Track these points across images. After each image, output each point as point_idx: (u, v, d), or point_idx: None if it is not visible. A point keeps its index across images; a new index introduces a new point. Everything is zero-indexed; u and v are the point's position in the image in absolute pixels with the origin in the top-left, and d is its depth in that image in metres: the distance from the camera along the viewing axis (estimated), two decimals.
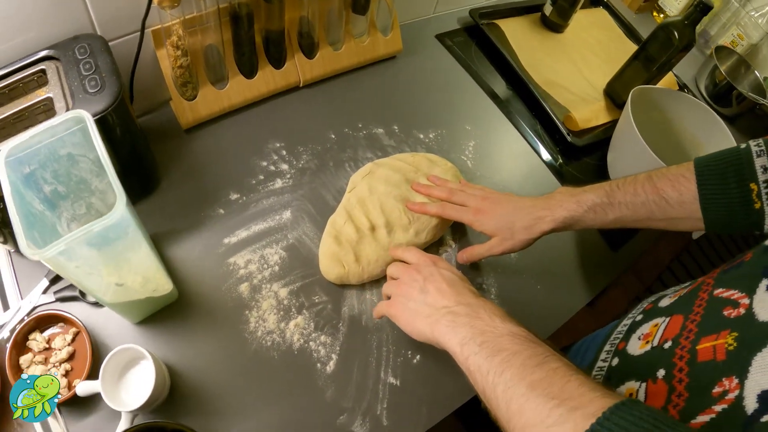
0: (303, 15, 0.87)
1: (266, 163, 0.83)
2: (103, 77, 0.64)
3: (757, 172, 0.59)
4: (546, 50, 1.19)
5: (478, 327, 0.53)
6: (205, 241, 0.75)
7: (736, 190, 0.60)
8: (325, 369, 0.69)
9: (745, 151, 0.61)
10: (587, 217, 0.69)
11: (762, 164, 0.59)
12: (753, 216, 0.60)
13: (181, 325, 0.69)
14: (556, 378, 0.43)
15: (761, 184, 0.59)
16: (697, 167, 0.64)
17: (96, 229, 0.45)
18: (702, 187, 0.62)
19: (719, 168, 0.62)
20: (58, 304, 0.67)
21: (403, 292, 0.64)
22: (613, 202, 0.67)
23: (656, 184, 0.66)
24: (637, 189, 0.66)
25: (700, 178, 0.63)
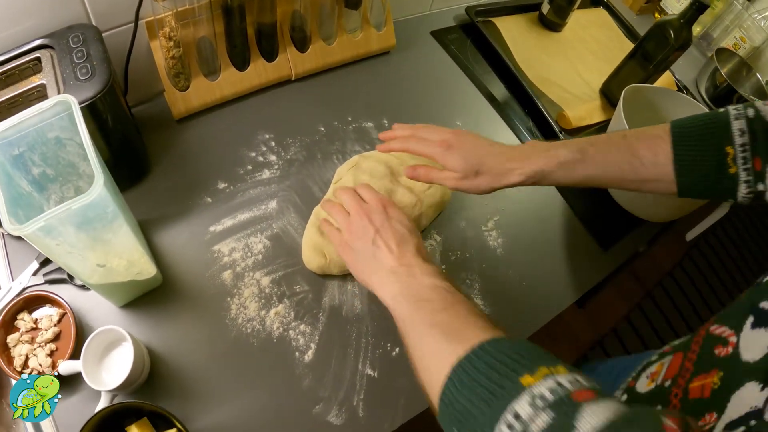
0: (295, 9, 0.89)
1: (255, 154, 0.86)
2: (94, 65, 0.67)
3: (734, 135, 0.58)
4: (542, 48, 1.20)
5: (408, 283, 0.56)
6: (191, 228, 0.77)
7: (712, 154, 0.60)
8: (304, 358, 0.71)
9: (723, 114, 0.60)
10: (557, 173, 0.66)
11: (739, 127, 0.59)
12: (726, 181, 0.60)
13: (164, 310, 0.71)
14: (456, 319, 0.49)
15: (737, 148, 0.58)
16: (674, 129, 0.63)
17: (74, 206, 0.47)
18: (677, 149, 0.61)
19: (696, 130, 0.61)
20: (47, 286, 0.69)
21: (354, 240, 0.64)
22: (585, 158, 0.65)
23: (631, 144, 0.64)
24: (611, 147, 0.65)
25: (676, 140, 0.62)
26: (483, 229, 0.89)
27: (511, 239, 0.89)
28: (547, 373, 0.38)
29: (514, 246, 0.88)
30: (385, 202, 0.66)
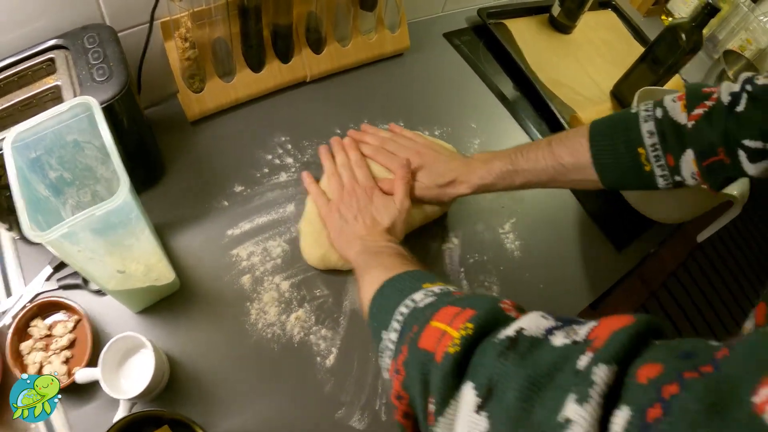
0: (311, 10, 0.87)
1: (271, 157, 0.84)
2: (111, 66, 0.65)
3: (644, 137, 0.63)
4: (553, 51, 1.19)
5: (368, 245, 0.67)
6: (208, 232, 0.75)
7: (626, 155, 0.64)
8: (325, 363, 0.70)
9: (634, 115, 0.65)
10: (498, 183, 0.73)
11: (648, 129, 0.63)
12: (644, 176, 0.64)
13: (182, 315, 0.69)
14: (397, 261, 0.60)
15: (648, 149, 0.63)
16: (591, 132, 0.67)
17: (99, 213, 0.45)
18: (594, 152, 0.66)
19: (609, 133, 0.66)
20: (61, 291, 0.67)
21: (339, 209, 0.74)
22: (518, 169, 0.72)
23: (554, 151, 0.70)
24: (538, 156, 0.71)
25: (592, 143, 0.67)
26: (500, 231, 0.88)
27: (527, 241, 0.88)
28: (441, 285, 0.50)
29: (531, 248, 0.87)
30: (374, 191, 0.75)
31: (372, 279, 0.57)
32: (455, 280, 0.81)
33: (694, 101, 0.61)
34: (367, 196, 0.74)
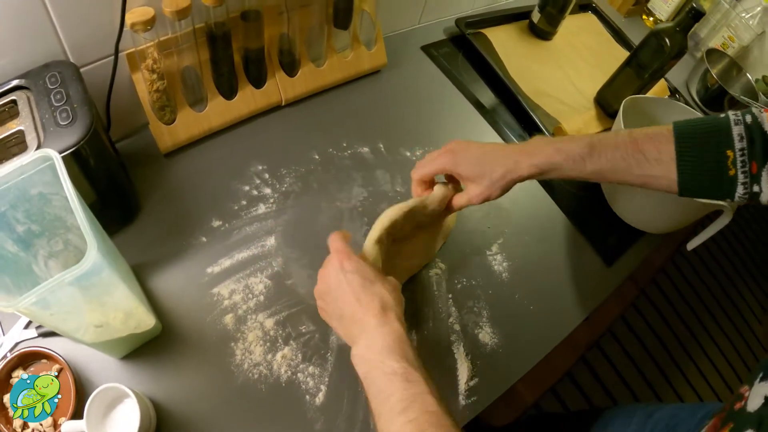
0: (283, 32, 0.86)
1: (248, 188, 0.83)
2: (74, 108, 0.63)
3: (734, 139, 0.62)
4: (534, 58, 1.18)
5: (371, 362, 0.57)
6: (187, 270, 0.74)
7: (713, 156, 0.63)
8: (314, 401, 0.69)
9: (724, 119, 0.63)
10: (566, 165, 0.68)
11: (739, 132, 0.62)
12: (726, 183, 0.63)
13: (166, 360, 0.68)
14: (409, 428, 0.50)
15: (737, 152, 0.61)
16: (677, 129, 0.65)
17: (68, 279, 0.44)
18: (680, 148, 0.64)
19: (698, 133, 0.64)
20: (41, 339, 0.66)
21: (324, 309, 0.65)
22: (593, 153, 0.67)
23: (636, 141, 0.67)
24: (618, 142, 0.67)
25: (678, 139, 0.64)
26: (488, 253, 0.87)
27: (516, 262, 0.87)
28: None
29: (520, 269, 0.87)
30: (342, 256, 0.62)
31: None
32: (443, 306, 0.80)
33: None
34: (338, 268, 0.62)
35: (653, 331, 2.11)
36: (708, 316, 2.27)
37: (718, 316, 2.29)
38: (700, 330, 2.21)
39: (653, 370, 2.03)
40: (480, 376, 0.76)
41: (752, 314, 2.38)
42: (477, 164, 0.71)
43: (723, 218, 0.88)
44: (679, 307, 2.24)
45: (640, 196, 0.91)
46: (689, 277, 2.34)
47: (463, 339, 0.78)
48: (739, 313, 2.34)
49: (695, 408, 0.77)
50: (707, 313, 2.28)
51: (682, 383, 2.05)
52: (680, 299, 2.26)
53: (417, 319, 0.78)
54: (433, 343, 0.76)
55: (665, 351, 2.09)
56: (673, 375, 2.06)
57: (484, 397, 0.74)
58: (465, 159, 0.71)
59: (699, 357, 2.15)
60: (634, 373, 2.00)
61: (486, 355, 0.78)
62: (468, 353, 0.77)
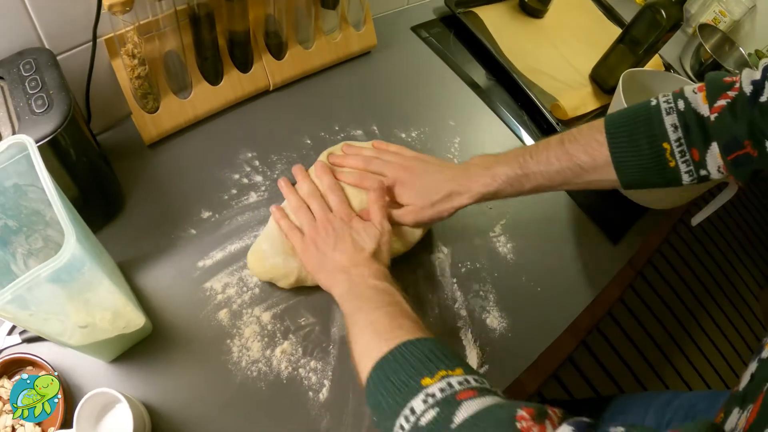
0: (269, 13, 0.82)
1: (238, 176, 0.79)
2: (50, 95, 0.59)
3: (668, 131, 0.60)
4: (527, 37, 1.15)
5: (354, 281, 0.62)
6: (177, 265, 0.70)
7: (648, 151, 0.61)
8: (318, 397, 0.65)
9: (655, 108, 0.61)
10: (504, 190, 0.69)
11: (672, 122, 0.59)
12: (668, 173, 0.61)
13: (158, 361, 0.64)
14: (387, 319, 0.55)
15: (673, 144, 0.60)
16: (608, 129, 0.63)
17: (44, 273, 0.40)
18: (614, 150, 0.62)
19: (629, 128, 0.62)
20: (25, 346, 0.62)
21: (315, 242, 0.67)
22: (527, 173, 0.67)
23: (569, 151, 0.65)
24: (551, 157, 0.66)
25: (611, 141, 0.62)
26: (491, 235, 0.84)
27: (520, 243, 0.84)
28: (444, 375, 0.46)
29: (525, 249, 0.84)
30: (351, 216, 0.70)
31: (364, 346, 0.54)
32: (448, 292, 0.77)
33: (715, 92, 0.58)
34: (345, 224, 0.68)
35: (652, 312, 2.10)
36: (706, 295, 2.26)
37: (716, 294, 2.29)
38: (698, 309, 2.21)
39: (654, 351, 2.03)
40: (490, 362, 0.73)
41: (749, 291, 2.38)
42: (417, 196, 0.72)
43: (728, 191, 0.86)
44: (677, 287, 2.23)
45: None
46: (686, 257, 2.33)
47: (471, 325, 0.75)
48: (736, 290, 2.34)
49: (714, 396, 0.75)
50: (705, 291, 2.27)
51: (684, 364, 2.05)
52: (677, 279, 2.25)
53: (422, 305, 0.75)
54: (440, 330, 0.73)
55: (665, 332, 2.08)
56: (674, 355, 2.05)
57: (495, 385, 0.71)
58: (408, 193, 0.72)
59: (699, 336, 2.14)
60: (635, 355, 1.99)
61: (495, 340, 0.75)
62: (476, 339, 0.74)
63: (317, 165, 0.75)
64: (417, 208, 0.71)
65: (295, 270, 0.69)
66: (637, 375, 1.94)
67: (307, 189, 0.72)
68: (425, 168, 0.73)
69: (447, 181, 0.71)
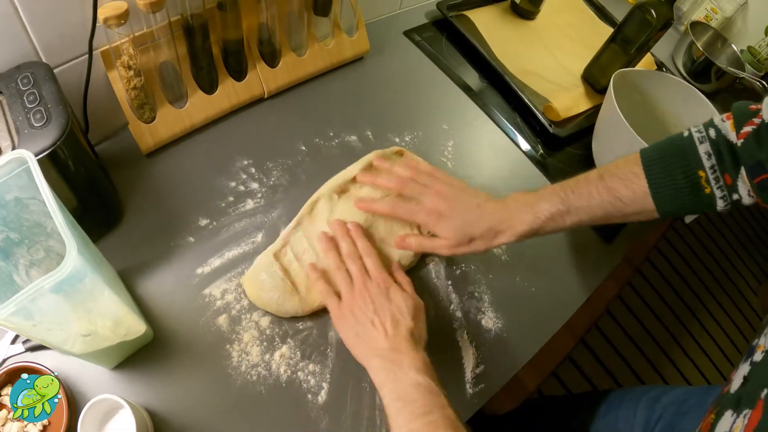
0: (262, 21, 0.83)
1: (235, 183, 0.80)
2: (48, 108, 0.60)
3: (702, 158, 0.62)
4: (519, 39, 1.17)
5: (394, 374, 0.60)
6: (176, 272, 0.71)
7: (684, 180, 0.63)
8: (317, 399, 0.67)
9: (688, 138, 0.64)
10: (546, 226, 0.69)
11: (705, 150, 0.62)
12: (704, 201, 0.63)
13: (160, 367, 0.65)
14: (430, 430, 0.54)
15: (708, 171, 0.62)
16: (645, 162, 0.65)
17: (48, 285, 0.41)
18: (652, 182, 0.64)
19: (664, 160, 0.65)
20: (29, 354, 0.63)
21: (353, 311, 0.66)
22: (570, 209, 0.68)
23: (608, 185, 0.67)
24: (591, 192, 0.67)
25: (648, 174, 0.65)
26: None
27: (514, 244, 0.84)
28: None
29: (519, 251, 0.85)
30: (389, 284, 0.68)
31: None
32: (443, 294, 0.78)
33: (741, 119, 0.61)
34: (382, 293, 0.66)
35: (651, 309, 2.11)
36: (704, 291, 2.27)
37: (714, 290, 2.30)
38: (697, 305, 2.22)
39: (653, 348, 2.04)
40: (486, 362, 0.74)
41: (747, 286, 2.39)
42: (457, 230, 0.70)
43: None
44: (675, 284, 2.24)
45: None
46: (683, 253, 2.35)
47: (466, 326, 0.76)
48: (735, 285, 2.35)
49: (704, 392, 0.77)
50: (703, 287, 2.29)
51: (683, 360, 2.06)
52: (675, 276, 2.27)
53: None
54: (436, 332, 0.74)
55: (664, 329, 2.10)
56: (673, 352, 2.06)
57: (491, 384, 0.73)
58: (447, 226, 0.71)
59: (698, 332, 2.15)
60: (634, 352, 2.00)
61: (490, 341, 0.76)
62: (472, 340, 0.75)
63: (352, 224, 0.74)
64: (454, 243, 0.70)
65: (290, 310, 0.70)
66: (636, 372, 1.95)
67: (346, 249, 0.71)
68: (465, 200, 0.72)
69: (487, 216, 0.70)
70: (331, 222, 0.75)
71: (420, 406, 0.56)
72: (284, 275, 0.70)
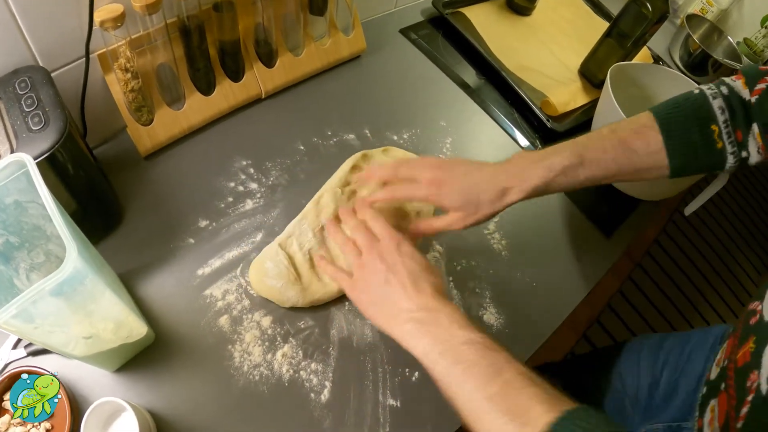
0: (258, 22, 0.83)
1: (234, 184, 0.80)
2: (46, 112, 0.60)
3: (716, 113, 0.63)
4: (515, 35, 1.17)
5: (438, 336, 0.53)
6: (177, 274, 0.71)
7: (698, 134, 0.64)
8: (320, 398, 0.67)
9: (701, 95, 0.65)
10: (558, 180, 0.64)
11: (719, 105, 0.63)
12: (715, 156, 0.64)
13: (162, 368, 0.65)
14: (510, 391, 0.47)
15: (721, 126, 0.63)
16: (658, 117, 0.65)
17: (48, 288, 0.41)
18: (667, 136, 0.64)
19: (680, 114, 0.65)
20: (31, 359, 0.63)
21: (365, 279, 0.61)
22: (583, 161, 0.64)
23: (621, 137, 0.65)
24: (605, 145, 0.65)
25: (663, 127, 0.64)
26: (485, 232, 0.86)
27: (514, 239, 0.86)
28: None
29: (519, 246, 0.85)
30: (398, 239, 0.62)
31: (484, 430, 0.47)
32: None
33: (753, 79, 0.63)
34: (393, 249, 0.60)
35: (652, 303, 2.11)
36: (705, 284, 2.28)
37: (715, 282, 2.30)
38: (698, 298, 2.22)
39: None
40: None
41: (748, 278, 2.39)
42: (462, 195, 0.65)
43: (719, 180, 0.88)
44: (676, 278, 2.24)
45: None
46: (683, 247, 2.35)
47: None
48: (735, 278, 2.36)
49: (704, 333, 0.79)
50: (704, 280, 2.29)
51: None
52: (676, 269, 2.27)
53: None
54: None
55: (665, 321, 2.10)
56: None
57: None
58: (450, 193, 0.65)
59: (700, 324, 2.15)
60: None
61: (493, 336, 0.76)
62: None
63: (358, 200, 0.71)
64: (462, 214, 0.65)
65: (291, 299, 0.70)
66: None
67: (352, 224, 0.66)
68: (464, 166, 0.67)
69: (492, 175, 0.65)
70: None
71: (485, 366, 0.49)
72: (288, 263, 0.71)
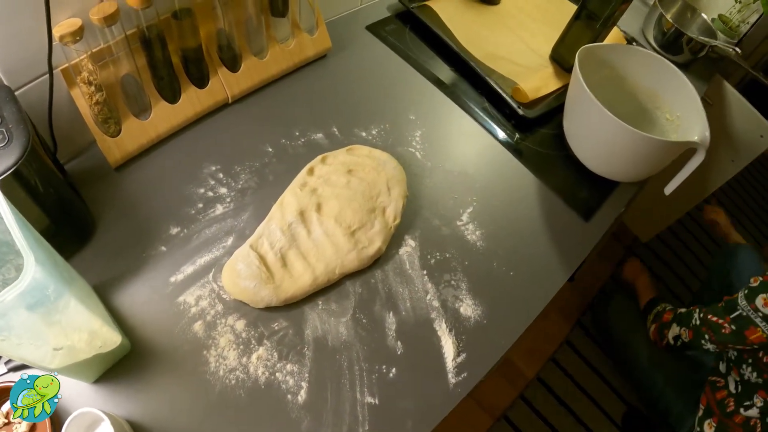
0: (219, 27, 0.86)
1: (204, 190, 0.82)
2: (9, 129, 0.63)
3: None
4: (483, 24, 1.19)
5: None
6: (151, 282, 0.74)
7: None
8: (297, 399, 0.69)
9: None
10: None
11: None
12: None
13: (139, 377, 0.67)
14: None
15: None
16: None
17: (8, 298, 0.43)
18: None
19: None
20: (11, 374, 0.66)
21: None
22: None
23: None
24: None
25: None
26: (458, 223, 0.88)
27: (489, 229, 0.88)
28: None
29: (494, 236, 0.87)
30: None
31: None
32: (419, 284, 0.80)
33: None
34: None
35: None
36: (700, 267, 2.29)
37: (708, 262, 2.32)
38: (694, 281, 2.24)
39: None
40: (467, 350, 0.76)
41: None
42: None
43: (696, 157, 0.90)
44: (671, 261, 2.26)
45: (607, 145, 0.92)
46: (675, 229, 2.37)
47: (444, 315, 0.78)
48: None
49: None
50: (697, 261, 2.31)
51: None
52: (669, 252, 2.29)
53: (393, 300, 0.78)
54: (413, 323, 0.77)
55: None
56: None
57: (474, 372, 0.75)
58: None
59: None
60: None
61: (470, 328, 0.78)
62: (451, 329, 0.77)
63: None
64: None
65: (265, 298, 0.73)
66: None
67: None
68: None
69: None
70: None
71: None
72: (260, 263, 0.73)
